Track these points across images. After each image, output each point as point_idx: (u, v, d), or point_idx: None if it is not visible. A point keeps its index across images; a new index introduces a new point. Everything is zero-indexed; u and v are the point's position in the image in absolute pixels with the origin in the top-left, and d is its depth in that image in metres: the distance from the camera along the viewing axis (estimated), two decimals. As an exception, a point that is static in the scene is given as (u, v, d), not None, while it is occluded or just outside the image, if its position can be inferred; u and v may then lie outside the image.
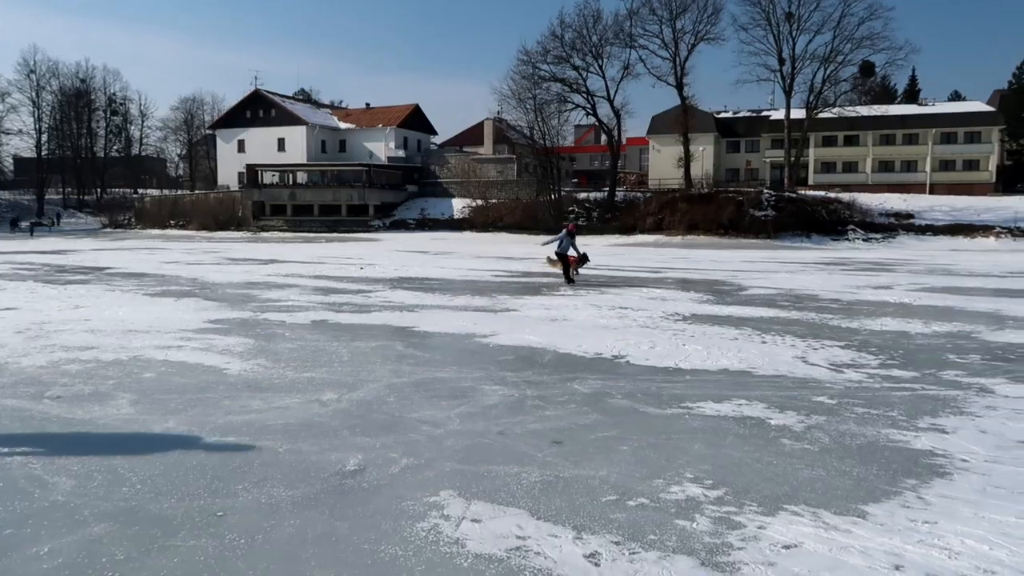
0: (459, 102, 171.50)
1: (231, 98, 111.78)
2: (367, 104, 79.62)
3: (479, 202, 62.48)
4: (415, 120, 76.27)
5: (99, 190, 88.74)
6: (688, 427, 6.38)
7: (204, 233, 65.02)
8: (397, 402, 7.14)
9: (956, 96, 79.95)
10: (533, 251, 40.86)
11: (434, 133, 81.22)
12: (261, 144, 72.87)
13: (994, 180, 64.08)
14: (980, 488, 4.91)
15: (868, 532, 4.21)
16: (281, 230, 64.65)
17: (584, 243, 46.25)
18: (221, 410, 6.79)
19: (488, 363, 9.13)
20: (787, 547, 4.02)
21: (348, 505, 4.58)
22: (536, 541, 4.08)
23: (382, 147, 71.99)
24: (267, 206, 67.77)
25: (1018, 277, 24.47)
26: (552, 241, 21.09)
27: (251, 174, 68.97)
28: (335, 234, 60.68)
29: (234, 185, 72.68)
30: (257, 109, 74.94)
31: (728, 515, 4.45)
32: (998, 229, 49.93)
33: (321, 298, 16.25)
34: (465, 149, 74.74)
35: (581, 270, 21.24)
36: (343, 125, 76.00)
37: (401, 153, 72.28)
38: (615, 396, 7.45)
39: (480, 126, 76.58)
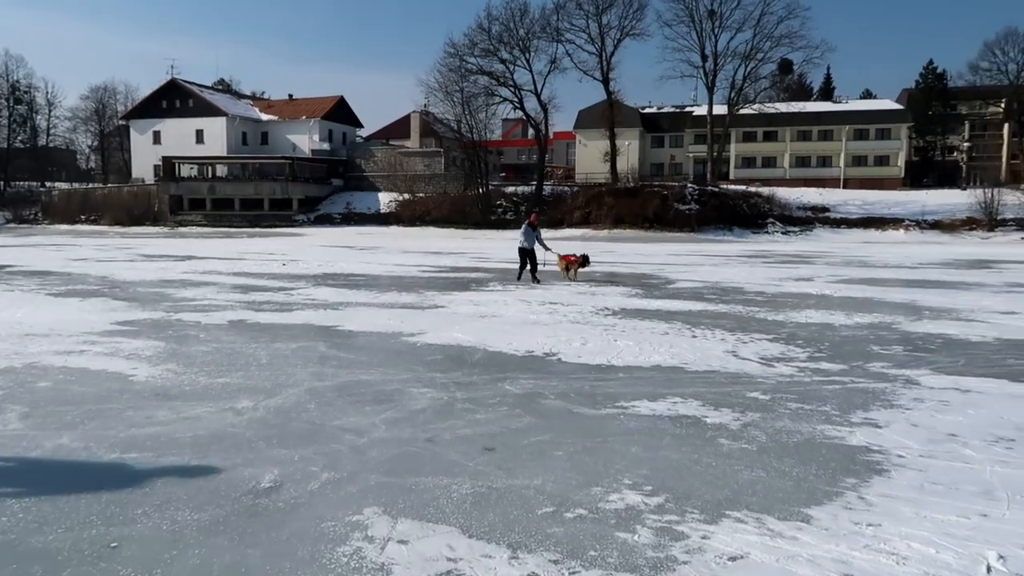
0: (385, 95, 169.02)
1: (146, 88, 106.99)
2: (290, 95, 77.54)
3: (406, 196, 61.66)
4: (340, 112, 74.65)
5: (2, 183, 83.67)
6: (624, 428, 6.17)
7: (117, 228, 62.16)
8: (318, 409, 6.70)
9: (868, 94, 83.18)
10: (462, 246, 40.48)
11: (360, 126, 79.74)
12: (178, 136, 70.06)
13: (903, 175, 67.05)
14: (918, 485, 4.85)
15: (814, 538, 4.05)
16: (200, 225, 62.34)
17: (511, 237, 46.20)
18: (123, 422, 6.21)
19: (416, 363, 8.75)
20: (733, 559, 3.82)
21: (261, 529, 4.17)
22: (468, 563, 3.76)
23: (306, 140, 70.18)
24: (185, 200, 65.28)
25: (927, 268, 25.48)
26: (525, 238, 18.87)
27: (168, 167, 66.28)
28: (257, 229, 58.89)
29: (150, 178, 69.67)
30: (174, 99, 72.00)
31: (670, 524, 4.23)
32: (907, 222, 52.21)
33: (240, 296, 15.52)
34: (392, 142, 73.58)
35: (580, 269, 19.11)
36: (265, 117, 73.75)
37: (326, 146, 70.64)
38: (548, 396, 7.19)
39: (407, 119, 75.52)
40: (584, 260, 19.09)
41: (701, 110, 66.68)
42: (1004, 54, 69.80)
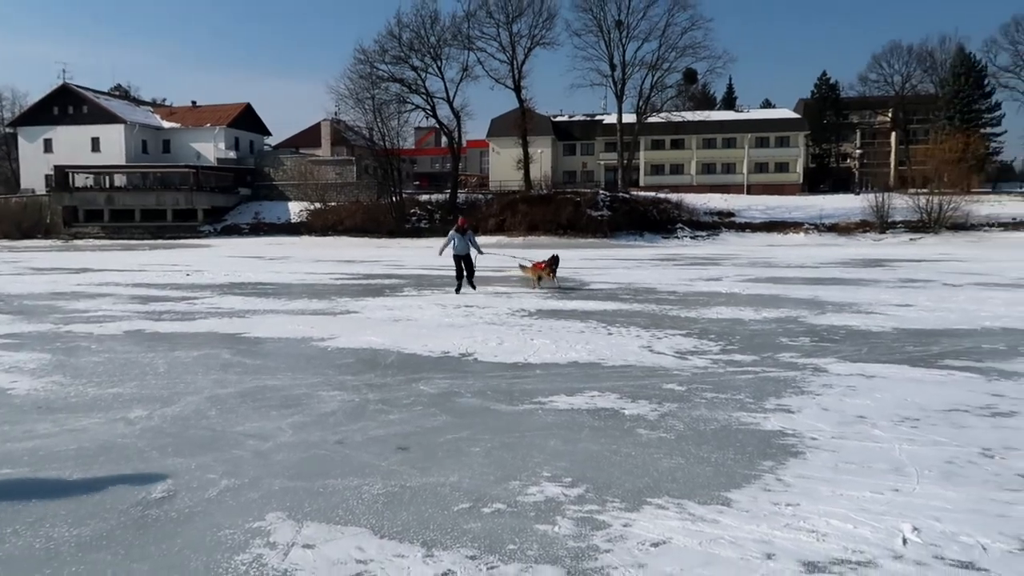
0: (294, 103, 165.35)
1: (36, 93, 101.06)
2: (193, 102, 74.69)
3: (317, 205, 60.30)
4: (247, 120, 72.43)
5: None
6: (542, 423, 6.03)
7: (5, 242, 58.30)
8: (219, 415, 6.28)
9: (767, 104, 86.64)
10: (376, 254, 39.82)
11: (268, 134, 77.59)
12: (72, 144, 66.34)
13: (801, 181, 70.07)
14: (832, 465, 4.88)
15: (735, 520, 3.99)
16: (97, 237, 59.21)
17: (426, 245, 45.66)
18: (-3, 437, 5.65)
19: (326, 368, 8.39)
20: (656, 544, 3.71)
21: (150, 541, 3.80)
22: (379, 564, 3.51)
23: (211, 148, 67.74)
24: (80, 211, 61.94)
25: (827, 267, 26.59)
26: (447, 244, 17.37)
27: (60, 176, 62.71)
28: (160, 241, 56.41)
29: (41, 188, 65.70)
30: (66, 105, 68.18)
31: (591, 514, 4.10)
32: (806, 225, 54.57)
33: (139, 307, 14.66)
34: (302, 151, 71.84)
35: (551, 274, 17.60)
36: (167, 124, 70.79)
37: (232, 154, 68.38)
38: (464, 395, 6.99)
39: (317, 127, 73.92)
40: (554, 261, 17.64)
41: (611, 119, 67.93)
42: (890, 66, 74.04)
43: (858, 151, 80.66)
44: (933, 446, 5.28)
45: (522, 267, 18.93)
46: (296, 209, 61.77)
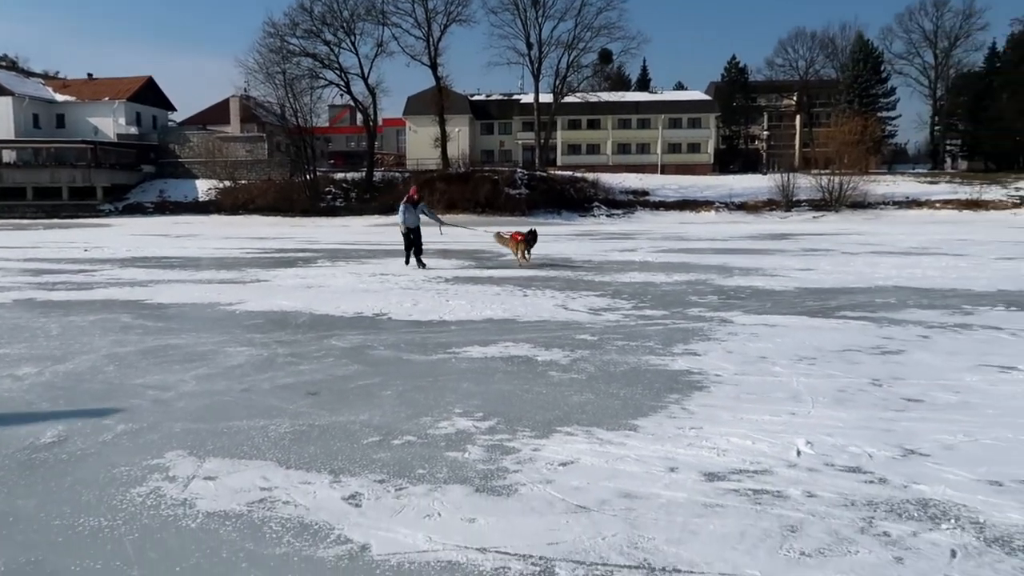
0: (202, 78, 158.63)
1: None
2: (89, 75, 70.66)
3: (227, 183, 58.19)
4: (149, 94, 69.05)
5: None
6: (455, 369, 6.02)
7: None
8: (117, 370, 6.01)
9: (680, 86, 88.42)
10: (289, 232, 38.83)
11: (172, 109, 74.19)
12: (-48, 118, 61.81)
13: (712, 161, 72.02)
14: (735, 396, 5.06)
15: (641, 442, 4.09)
16: (-16, 217, 55.49)
17: (342, 224, 44.73)
18: None
19: (233, 327, 8.14)
20: (564, 464, 3.76)
21: (38, 481, 3.60)
22: (285, 491, 3.44)
23: (110, 123, 64.28)
24: (-36, 190, 57.82)
25: (737, 240, 27.49)
26: (400, 216, 15.80)
27: (-60, 152, 58.37)
28: (56, 220, 53.33)
29: (-82, 165, 60.99)
30: (-55, 76, 63.41)
31: (501, 442, 4.12)
32: (717, 204, 56.20)
33: (30, 279, 13.84)
34: (210, 127, 69.07)
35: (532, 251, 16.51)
36: (60, 97, 66.71)
37: (134, 130, 65.15)
38: (377, 348, 6.90)
39: (226, 103, 71.03)
40: (531, 236, 16.42)
41: (528, 98, 68.05)
42: (795, 51, 76.92)
43: (765, 133, 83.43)
44: (827, 378, 5.54)
45: (499, 236, 17.61)
46: (205, 187, 59.47)
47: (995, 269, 14.53)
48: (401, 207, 15.97)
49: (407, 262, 16.01)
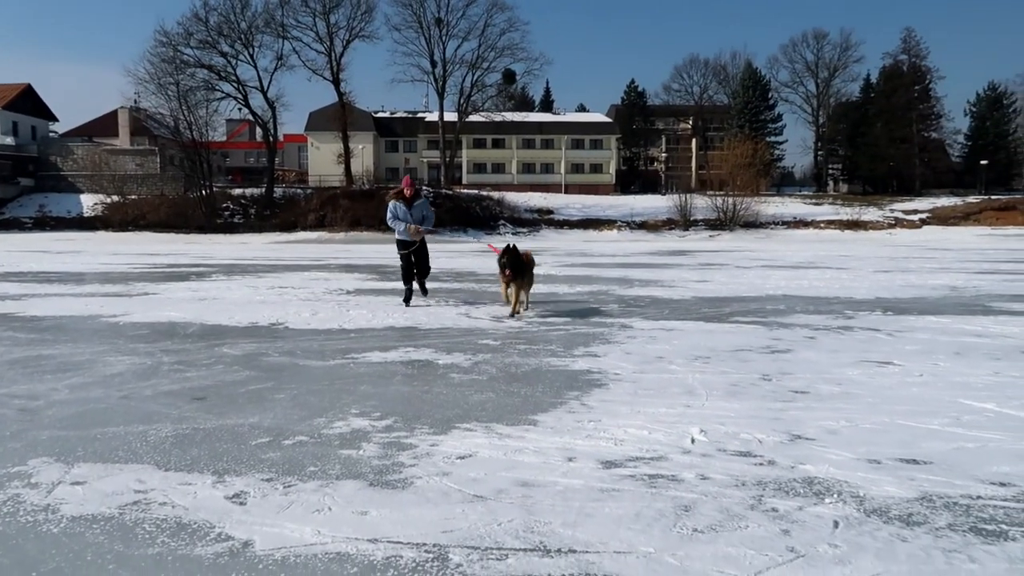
0: (88, 88, 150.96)
1: None
2: (-40, 81, 65.98)
3: (115, 198, 55.46)
4: (28, 103, 65.02)
5: None
6: (353, 373, 5.85)
7: None
8: (-20, 381, 5.53)
9: (583, 108, 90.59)
10: (183, 249, 37.26)
11: (54, 119, 70.06)
12: None
13: (614, 182, 74.00)
14: (632, 392, 5.12)
15: (540, 435, 4.07)
16: None
17: (241, 241, 43.44)
18: None
19: (115, 338, 7.67)
20: (462, 457, 3.69)
21: None
22: (163, 492, 3.21)
23: (-16, 133, 60.18)
24: None
25: (638, 256, 28.24)
26: (392, 219, 10.90)
27: None
28: (-80, 236, 49.28)
29: None
30: None
31: (398, 439, 4.01)
32: (619, 223, 57.67)
33: None
34: (96, 139, 65.66)
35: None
36: (-74, 105, 62.00)
37: (10, 140, 61.13)
38: (271, 355, 6.64)
39: (114, 114, 67.85)
40: (511, 258, 12.13)
41: (433, 116, 68.11)
42: (689, 77, 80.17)
43: (664, 155, 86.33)
44: (721, 375, 5.69)
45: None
46: (90, 202, 56.42)
47: (873, 280, 15.45)
48: (391, 208, 10.74)
49: (408, 298, 10.61)
